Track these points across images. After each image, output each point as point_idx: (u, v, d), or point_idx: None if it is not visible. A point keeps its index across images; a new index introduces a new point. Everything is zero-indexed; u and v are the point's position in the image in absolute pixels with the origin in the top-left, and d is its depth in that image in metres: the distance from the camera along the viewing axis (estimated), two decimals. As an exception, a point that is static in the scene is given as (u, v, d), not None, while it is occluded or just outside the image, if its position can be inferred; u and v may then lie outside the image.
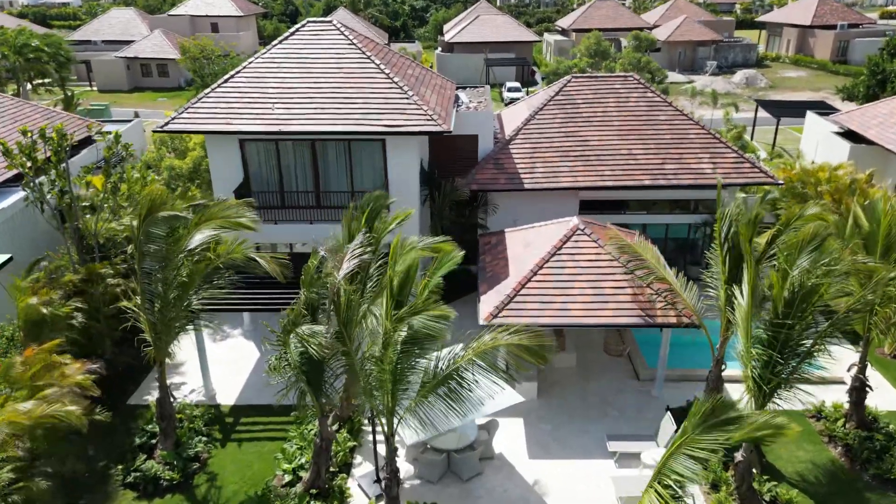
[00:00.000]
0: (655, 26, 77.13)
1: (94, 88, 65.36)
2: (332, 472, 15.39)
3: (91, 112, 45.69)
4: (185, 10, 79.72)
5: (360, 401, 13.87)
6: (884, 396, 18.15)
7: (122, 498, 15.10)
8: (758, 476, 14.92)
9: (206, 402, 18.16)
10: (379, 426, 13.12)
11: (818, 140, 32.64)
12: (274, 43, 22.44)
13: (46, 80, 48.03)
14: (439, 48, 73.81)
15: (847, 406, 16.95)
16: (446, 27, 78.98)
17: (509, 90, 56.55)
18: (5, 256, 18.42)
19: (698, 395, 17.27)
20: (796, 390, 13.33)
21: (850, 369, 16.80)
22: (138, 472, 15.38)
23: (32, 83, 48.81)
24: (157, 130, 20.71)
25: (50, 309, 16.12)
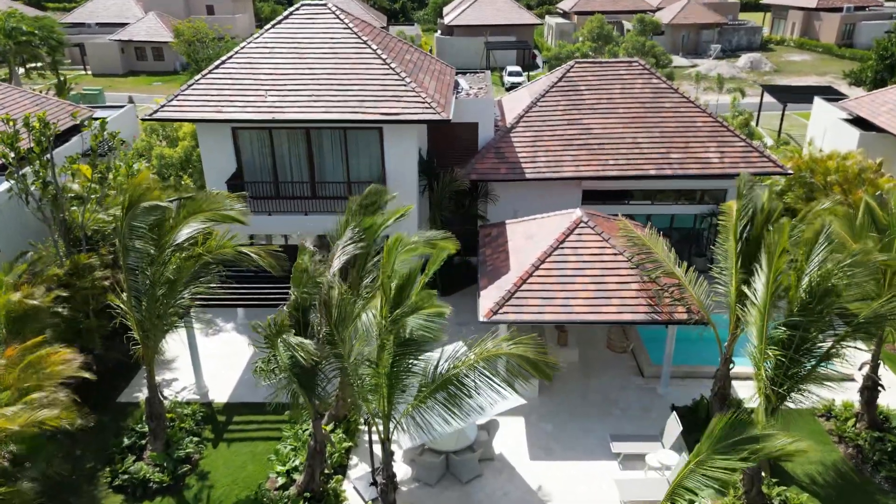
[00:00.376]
0: (659, 8, 75.95)
1: (89, 72, 64.41)
2: (328, 474, 14.92)
3: (84, 97, 44.91)
4: (180, -9, 78.50)
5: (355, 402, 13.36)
6: (896, 395, 17.64)
7: (110, 501, 14.63)
8: (767, 479, 14.44)
9: (198, 400, 17.65)
10: (375, 430, 12.63)
11: (826, 127, 31.85)
12: (267, 27, 21.70)
13: (39, 64, 47.09)
14: (439, 31, 72.76)
15: (858, 405, 16.45)
16: (446, 9, 77.79)
17: (510, 74, 55.65)
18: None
19: (704, 393, 16.87)
20: (808, 393, 12.84)
21: (861, 368, 16.23)
22: (127, 474, 14.91)
23: (25, 67, 47.87)
24: (146, 119, 20.07)
25: (32, 302, 15.44)
